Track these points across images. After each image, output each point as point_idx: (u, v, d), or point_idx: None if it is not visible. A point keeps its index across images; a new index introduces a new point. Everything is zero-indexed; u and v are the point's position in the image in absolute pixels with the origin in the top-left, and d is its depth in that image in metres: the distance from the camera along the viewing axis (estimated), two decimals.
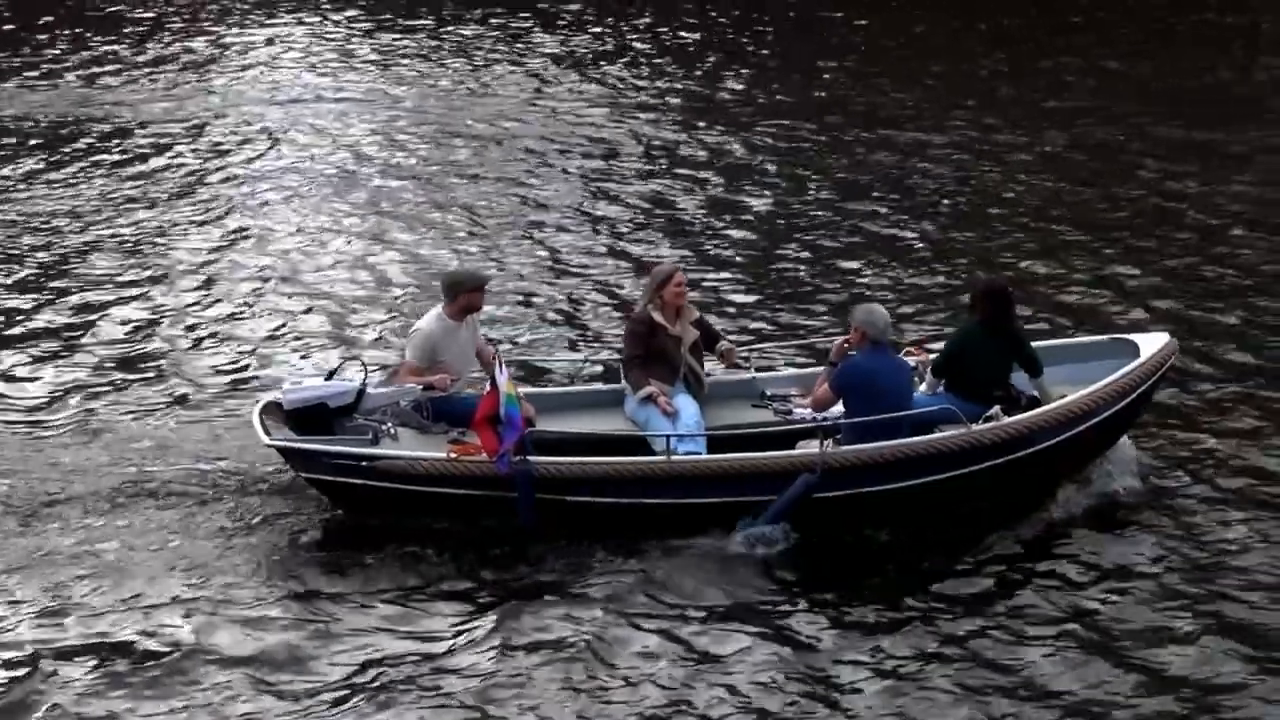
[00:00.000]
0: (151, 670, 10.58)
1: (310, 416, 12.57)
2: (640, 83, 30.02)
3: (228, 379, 15.64)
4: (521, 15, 37.08)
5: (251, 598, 11.47)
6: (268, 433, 12.30)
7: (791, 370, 14.07)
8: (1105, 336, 13.79)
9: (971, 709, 10.02)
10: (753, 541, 11.88)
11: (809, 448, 12.19)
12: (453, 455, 12.13)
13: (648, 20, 36.63)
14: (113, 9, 39.50)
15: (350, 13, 38.17)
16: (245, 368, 15.96)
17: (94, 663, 10.70)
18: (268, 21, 37.63)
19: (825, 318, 16.87)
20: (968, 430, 11.99)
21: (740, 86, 29.75)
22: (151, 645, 10.87)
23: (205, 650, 10.78)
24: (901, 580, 11.64)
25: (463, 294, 13.09)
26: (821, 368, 13.15)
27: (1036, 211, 21.13)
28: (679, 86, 29.77)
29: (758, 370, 13.87)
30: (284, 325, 17.18)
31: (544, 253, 19.63)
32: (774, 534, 11.89)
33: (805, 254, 19.40)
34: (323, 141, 25.54)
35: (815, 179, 22.96)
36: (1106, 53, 32.20)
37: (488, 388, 12.06)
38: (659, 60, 32.46)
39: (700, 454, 12.38)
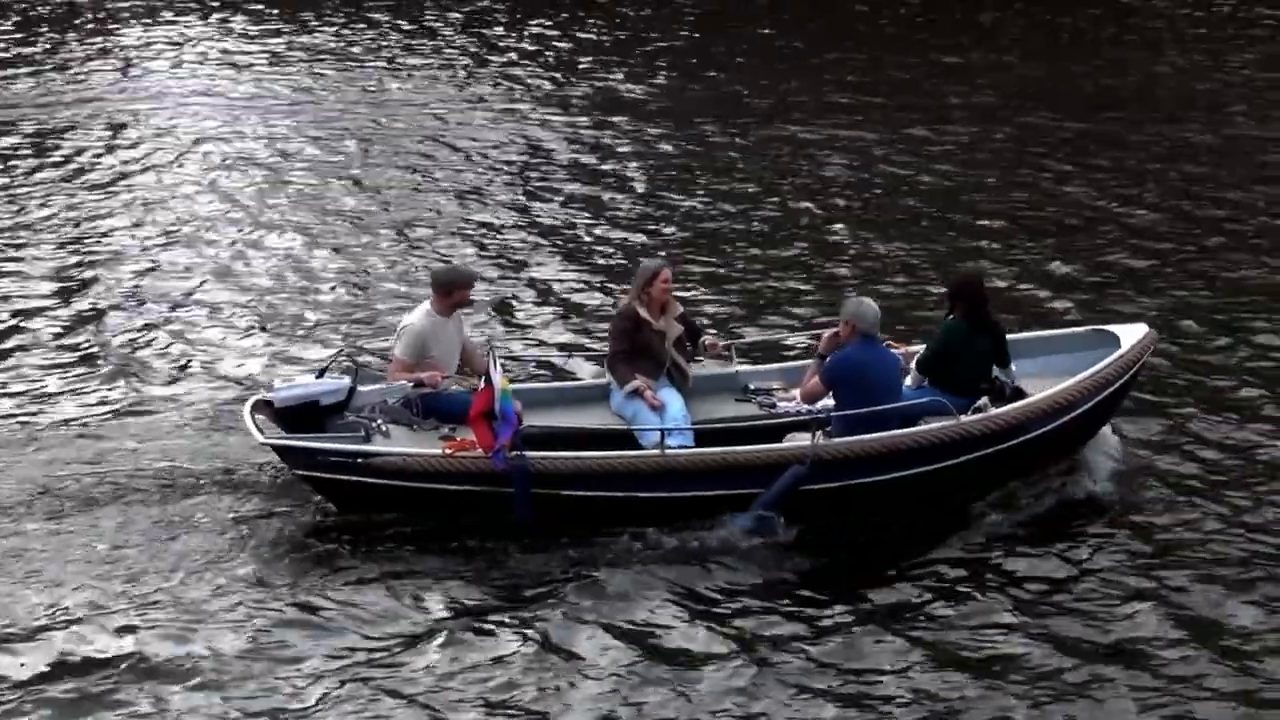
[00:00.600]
0: (140, 669, 10.61)
1: (301, 414, 12.61)
2: (550, 81, 30.24)
3: (204, 377, 15.72)
4: (433, 12, 37.27)
5: (244, 595, 11.47)
6: (261, 431, 12.32)
7: (773, 364, 14.15)
8: (1085, 328, 14.00)
9: (954, 696, 10.23)
10: (744, 533, 12.02)
11: (797, 440, 12.34)
12: (448, 451, 12.20)
13: (560, 19, 36.78)
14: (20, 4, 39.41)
15: (257, 8, 38.24)
16: (203, 365, 16.11)
17: (79, 661, 10.73)
18: (175, 20, 37.55)
19: (735, 314, 17.09)
20: (957, 422, 12.15)
21: (650, 85, 29.96)
22: (141, 643, 10.87)
23: (195, 649, 10.79)
24: (888, 572, 11.78)
25: (457, 289, 13.18)
26: (809, 361, 13.32)
27: (951, 205, 21.46)
28: (588, 85, 29.91)
29: (740, 363, 13.98)
30: (219, 324, 17.39)
31: (470, 250, 19.73)
32: (764, 525, 12.02)
33: (715, 254, 19.59)
34: (235, 142, 25.54)
35: (731, 177, 23.15)
36: (1009, 51, 32.98)
37: (481, 384, 12.11)
38: (570, 59, 32.65)
39: (689, 447, 12.51)
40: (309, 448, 12.26)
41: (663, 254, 17.17)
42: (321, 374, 12.90)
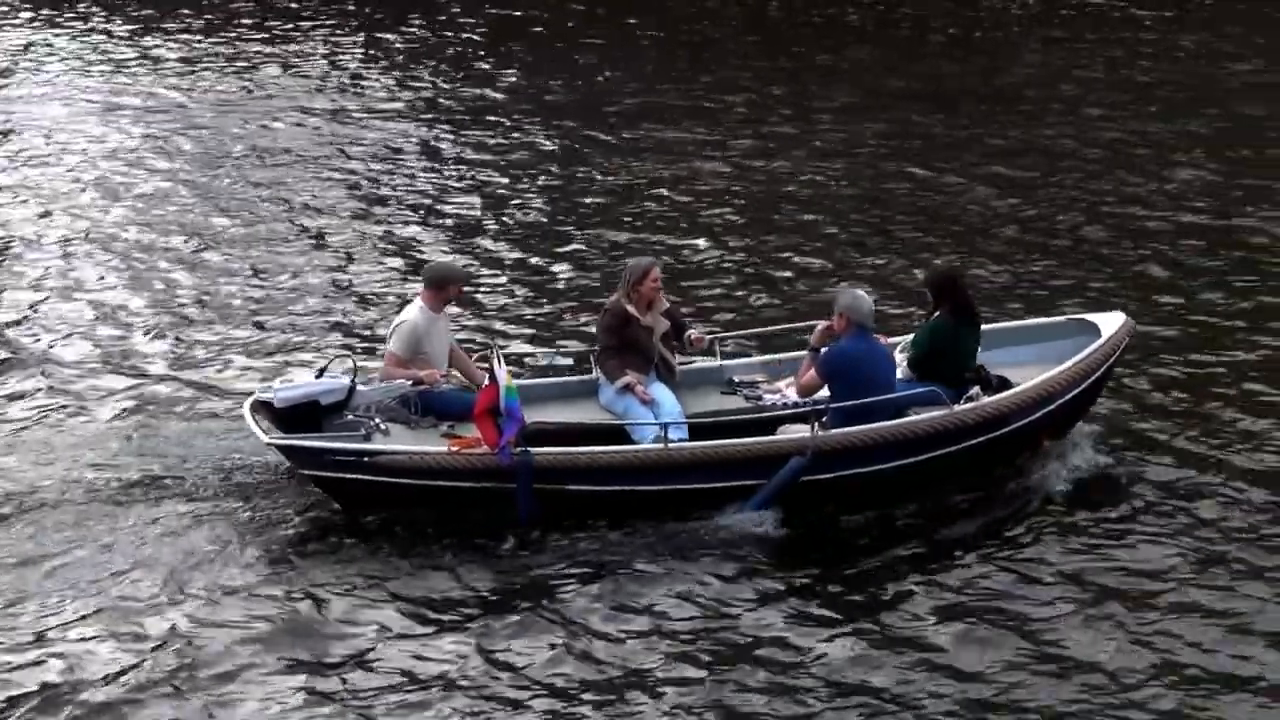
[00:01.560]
0: (150, 669, 10.64)
1: (301, 414, 12.67)
2: (413, 84, 30.24)
3: (192, 378, 15.75)
4: (290, 16, 37.24)
5: (250, 596, 11.51)
6: (266, 431, 12.39)
7: (757, 357, 14.36)
8: (1064, 318, 14.34)
9: (961, 687, 10.42)
10: (746, 525, 12.23)
11: (792, 432, 12.57)
12: (454, 449, 12.32)
13: (419, 21, 36.77)
14: None
15: (106, 13, 37.85)
16: (190, 366, 16.13)
17: (89, 663, 10.76)
18: (31, 23, 37.02)
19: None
20: (951, 411, 12.44)
21: (510, 87, 30.07)
22: (151, 645, 10.93)
23: (203, 649, 10.82)
24: (888, 561, 11.99)
25: (450, 285, 13.30)
26: (793, 354, 13.57)
27: (818, 207, 21.72)
28: (449, 88, 29.93)
29: (724, 357, 14.20)
30: (201, 325, 17.40)
31: (331, 261, 19.70)
32: (766, 517, 12.24)
33: (582, 255, 19.71)
34: (90, 148, 25.29)
35: (596, 180, 23.29)
36: (873, 54, 33.49)
37: (485, 381, 12.25)
38: (428, 61, 32.60)
39: (683, 440, 12.71)
40: (316, 447, 12.34)
41: (650, 255, 17.26)
42: (321, 373, 12.95)
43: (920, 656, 10.69)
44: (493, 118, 27.27)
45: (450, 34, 35.56)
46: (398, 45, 34.20)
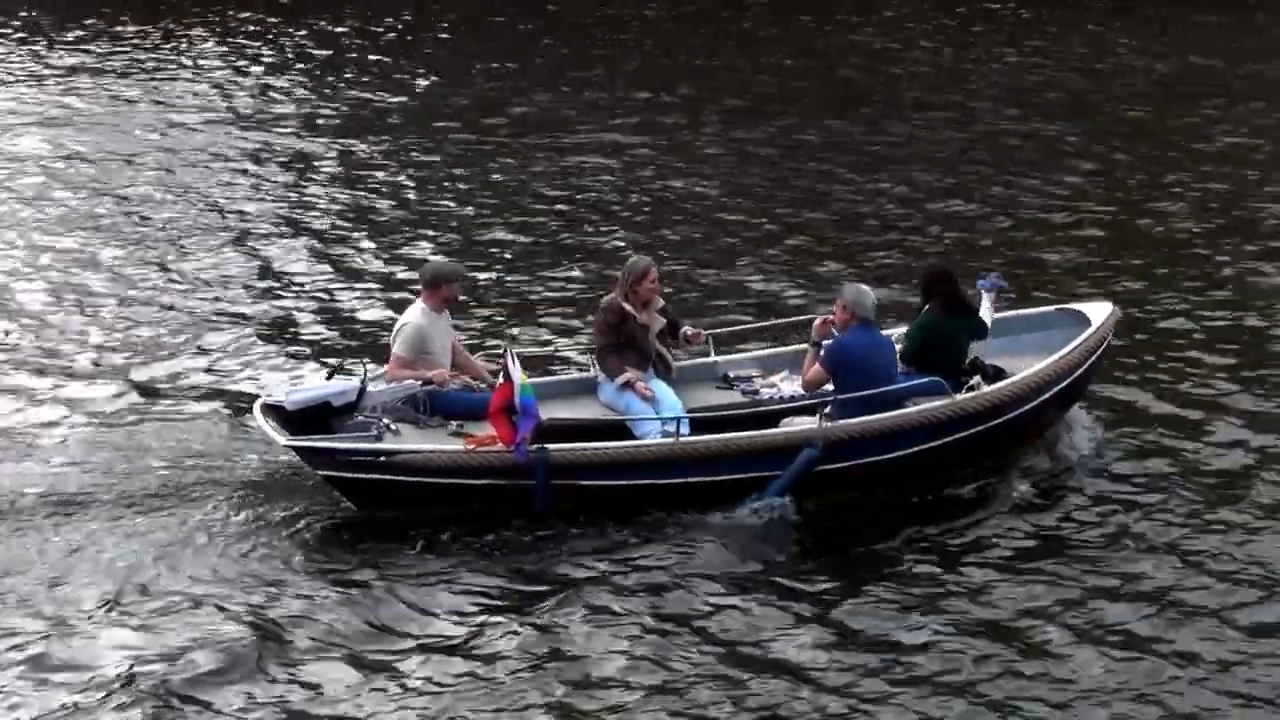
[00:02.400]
0: (161, 669, 10.69)
1: (312, 416, 12.75)
2: (310, 91, 30.50)
3: (198, 382, 15.87)
4: (188, 23, 37.39)
5: (267, 596, 11.60)
6: (282, 433, 12.45)
7: (750, 353, 14.57)
8: (1051, 308, 14.69)
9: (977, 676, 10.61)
10: (760, 516, 12.46)
11: (796, 425, 12.80)
12: (470, 446, 12.44)
13: (318, 26, 37.03)
14: None
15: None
16: (197, 370, 16.20)
17: (98, 662, 10.82)
18: None
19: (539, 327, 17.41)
20: (954, 400, 12.72)
21: (405, 93, 30.38)
22: (171, 647, 10.97)
23: (219, 650, 10.88)
24: (899, 551, 12.23)
25: (445, 284, 13.40)
26: (785, 349, 13.82)
27: (715, 208, 22.13)
28: (345, 94, 30.23)
29: (717, 354, 14.39)
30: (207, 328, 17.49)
31: (244, 266, 19.85)
32: (780, 507, 12.47)
33: (495, 260, 19.91)
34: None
35: (489, 184, 23.51)
36: (766, 54, 34.27)
37: (500, 380, 12.38)
38: (326, 68, 32.90)
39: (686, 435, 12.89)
40: (333, 448, 12.43)
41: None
42: (332, 375, 13.05)
43: (934, 639, 10.93)
44: (392, 121, 27.54)
45: (353, 40, 35.77)
46: (305, 51, 34.40)
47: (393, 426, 12.83)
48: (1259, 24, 37.53)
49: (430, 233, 21.05)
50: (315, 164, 24.86)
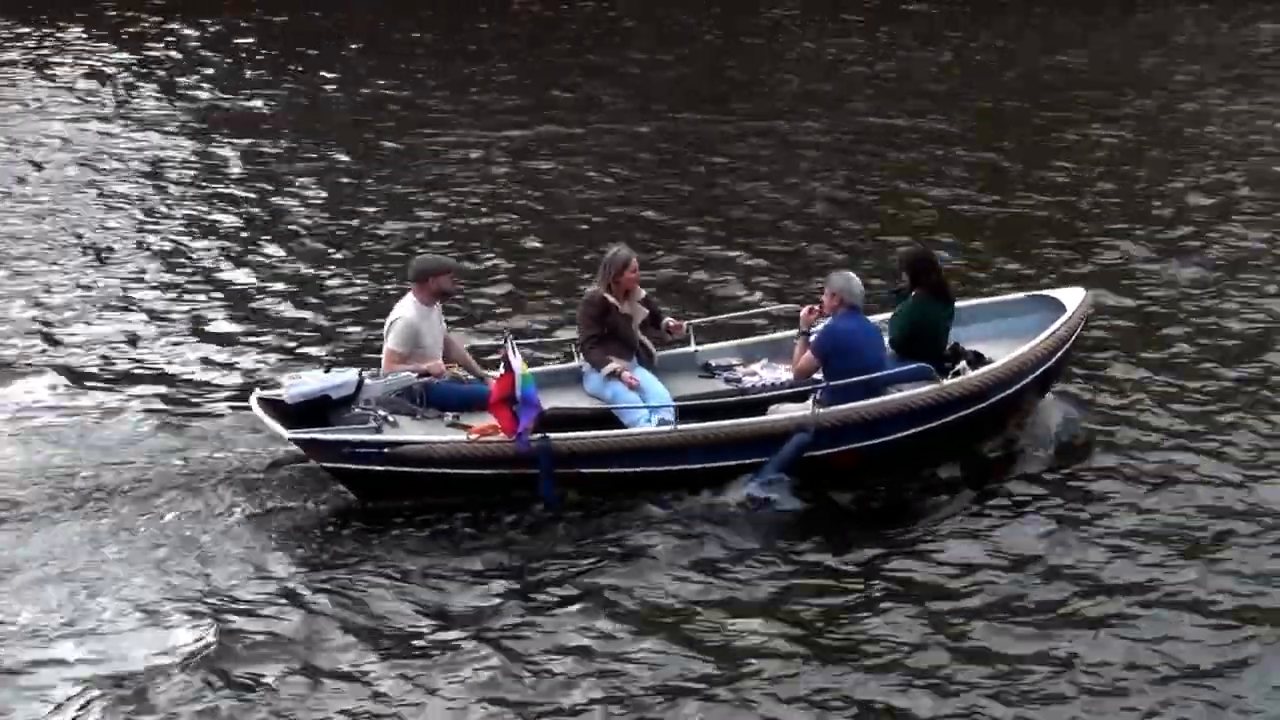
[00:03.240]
0: (185, 665, 10.78)
1: (310, 409, 12.86)
2: (185, 94, 30.47)
3: (185, 377, 15.97)
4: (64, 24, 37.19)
5: (273, 589, 11.71)
6: (285, 427, 12.57)
7: (729, 342, 14.83)
8: (1023, 294, 15.07)
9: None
10: (754, 501, 12.73)
11: (783, 412, 13.07)
12: (473, 437, 12.61)
13: (212, 31, 37.01)
14: None
15: None
16: (183, 366, 16.29)
17: (116, 655, 10.92)
18: None
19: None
20: (942, 385, 13.05)
21: (279, 96, 30.43)
22: (180, 640, 11.07)
23: (232, 643, 11.01)
24: (891, 535, 12.47)
25: (432, 277, 13.54)
26: (765, 338, 14.11)
27: (598, 207, 22.31)
28: (224, 98, 30.26)
29: (697, 343, 14.64)
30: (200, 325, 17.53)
31: (166, 269, 19.90)
32: (773, 492, 12.75)
33: (364, 262, 20.02)
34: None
35: (371, 188, 23.52)
36: (649, 51, 34.75)
37: (500, 370, 12.55)
38: (203, 72, 32.90)
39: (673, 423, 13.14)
40: (337, 440, 12.57)
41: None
42: (329, 369, 13.14)
43: (922, 625, 11.15)
44: (268, 127, 27.55)
45: (223, 43, 35.81)
46: (170, 55, 34.39)
47: (390, 419, 12.98)
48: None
49: (299, 240, 21.08)
50: (176, 170, 24.82)
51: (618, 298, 13.87)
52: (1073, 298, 14.35)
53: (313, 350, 16.43)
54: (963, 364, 13.38)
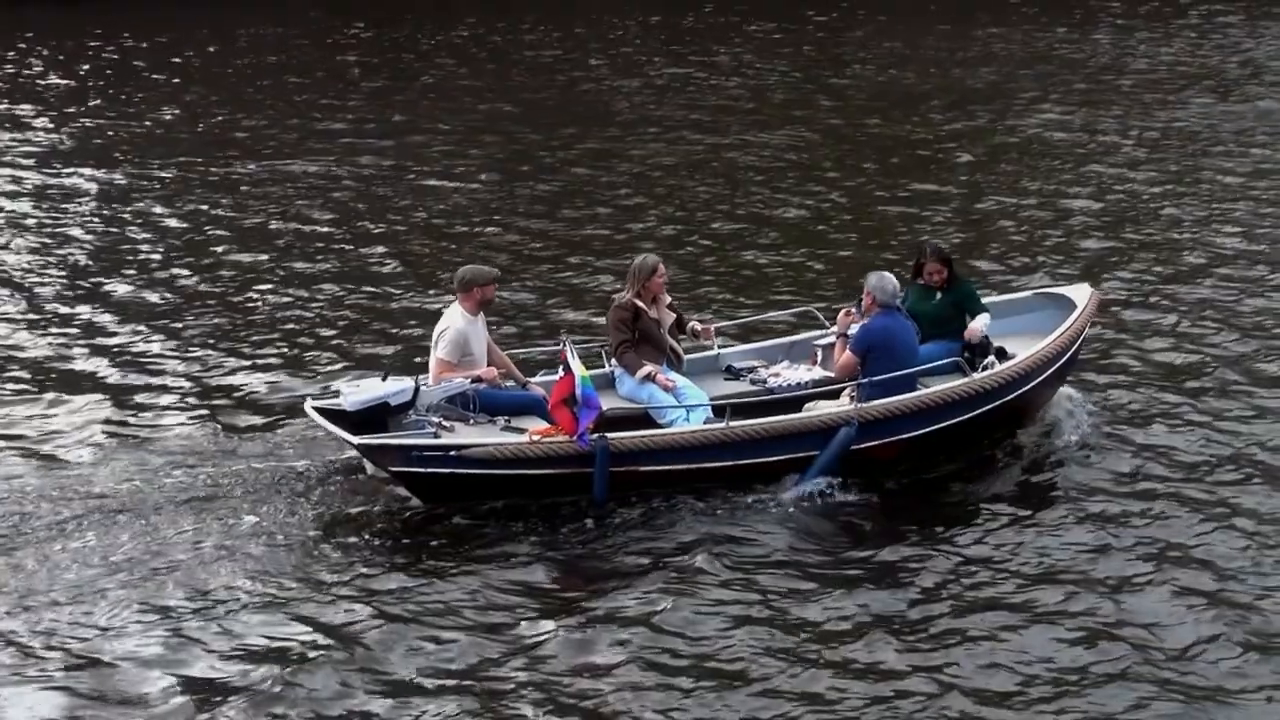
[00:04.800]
0: (252, 666, 11.05)
1: (369, 417, 13.19)
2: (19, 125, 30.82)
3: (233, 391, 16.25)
4: None
5: (337, 592, 12.00)
6: (351, 434, 12.91)
7: (749, 345, 15.37)
8: (1029, 292, 15.75)
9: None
10: (805, 494, 13.25)
11: (819, 409, 13.60)
12: (535, 438, 13.00)
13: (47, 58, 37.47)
14: None
15: None
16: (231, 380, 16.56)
17: (172, 657, 11.16)
18: None
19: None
20: (976, 378, 13.68)
21: (109, 121, 30.93)
22: (252, 642, 11.36)
23: (298, 644, 11.28)
24: (941, 527, 12.93)
25: (477, 287, 13.91)
26: (784, 340, 14.83)
27: (462, 224, 23.07)
28: (72, 128, 30.62)
29: (720, 347, 15.16)
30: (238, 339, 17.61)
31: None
32: (822, 485, 13.28)
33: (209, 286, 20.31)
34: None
35: (217, 216, 23.84)
36: (484, 78, 35.77)
37: (560, 373, 12.97)
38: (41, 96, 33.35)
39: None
40: (406, 445, 12.91)
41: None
42: (386, 377, 13.45)
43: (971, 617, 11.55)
44: (117, 155, 27.90)
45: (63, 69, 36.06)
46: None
47: (445, 424, 13.32)
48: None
49: (140, 267, 21.25)
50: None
51: (646, 303, 14.32)
52: (1081, 294, 15.03)
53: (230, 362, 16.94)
54: (990, 358, 13.99)
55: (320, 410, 13.35)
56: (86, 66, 36.52)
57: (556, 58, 38.56)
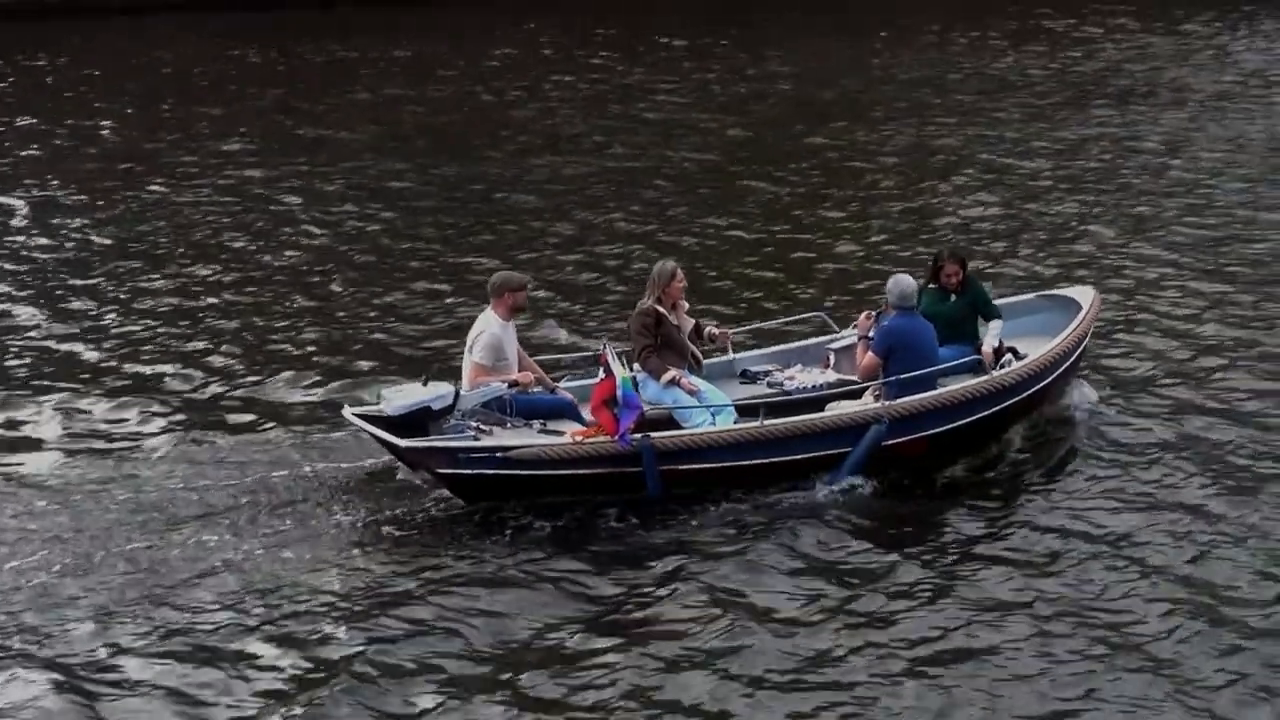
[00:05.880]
0: (304, 665, 11.25)
1: (410, 421, 13.42)
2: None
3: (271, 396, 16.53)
4: None
5: (385, 591, 12.23)
6: (400, 438, 13.15)
7: (763, 350, 15.74)
8: (1033, 294, 16.25)
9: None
10: (838, 490, 13.61)
11: (841, 409, 13.97)
12: (578, 439, 13.28)
13: None
14: None
15: None
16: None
17: (225, 652, 11.40)
18: None
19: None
20: (999, 374, 14.14)
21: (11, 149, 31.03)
22: (300, 642, 11.55)
23: (355, 644, 11.46)
24: (966, 521, 13.29)
25: (509, 292, 14.17)
26: (795, 345, 15.43)
27: (362, 240, 23.37)
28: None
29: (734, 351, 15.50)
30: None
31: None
32: (854, 479, 13.65)
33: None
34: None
35: (72, 237, 23.94)
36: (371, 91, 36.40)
37: (601, 375, 13.28)
38: None
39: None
40: (454, 447, 13.16)
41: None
42: (426, 382, 13.68)
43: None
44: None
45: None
46: None
47: (484, 428, 13.57)
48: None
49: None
50: None
51: (666, 308, 14.63)
52: (1084, 295, 15.54)
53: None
54: (1008, 356, 14.44)
55: (363, 416, 13.56)
56: None
57: (463, 73, 39.01)
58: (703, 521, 13.28)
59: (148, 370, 17.57)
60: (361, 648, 11.35)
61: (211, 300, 20.27)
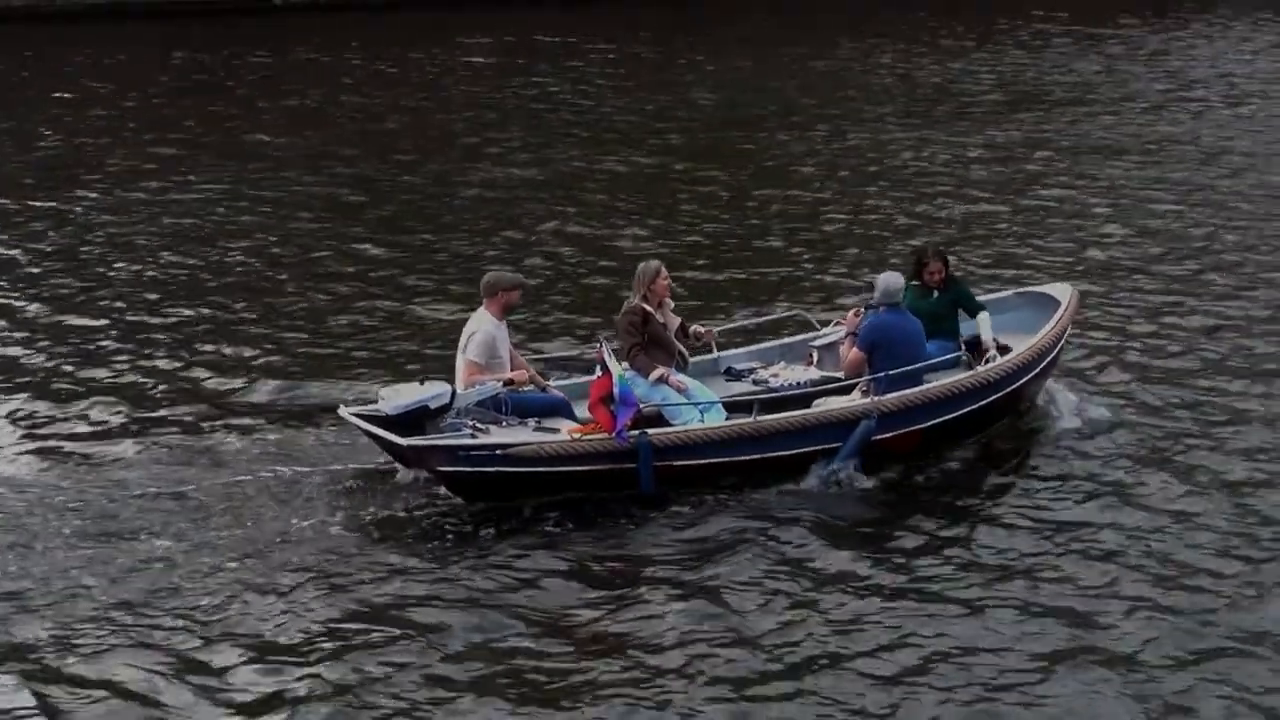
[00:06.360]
0: (306, 658, 11.34)
1: (410, 420, 13.55)
2: None
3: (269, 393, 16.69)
4: None
5: (389, 588, 12.29)
6: (401, 436, 13.28)
7: (746, 348, 15.94)
8: (1010, 291, 16.53)
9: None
10: (828, 483, 13.83)
11: (829, 405, 14.20)
12: (576, 436, 13.45)
13: None
14: None
15: None
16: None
17: (237, 645, 11.49)
18: None
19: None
20: (987, 368, 14.43)
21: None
22: (295, 638, 11.63)
23: (355, 639, 11.54)
24: (964, 515, 13.52)
25: (502, 291, 14.31)
26: (779, 342, 15.59)
27: (298, 249, 23.30)
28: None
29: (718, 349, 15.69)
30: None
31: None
32: (845, 474, 13.87)
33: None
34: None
35: (39, 247, 23.76)
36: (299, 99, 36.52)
37: (599, 372, 13.45)
38: None
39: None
40: (454, 445, 13.29)
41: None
42: (423, 381, 13.81)
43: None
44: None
45: None
46: None
47: (480, 426, 13.70)
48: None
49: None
50: None
51: (653, 306, 14.79)
52: (1062, 292, 15.84)
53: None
54: (992, 351, 14.72)
55: (360, 415, 13.68)
56: None
57: (400, 79, 39.16)
58: (695, 519, 13.38)
59: (104, 375, 17.57)
60: (355, 649, 11.38)
61: (170, 307, 20.24)
